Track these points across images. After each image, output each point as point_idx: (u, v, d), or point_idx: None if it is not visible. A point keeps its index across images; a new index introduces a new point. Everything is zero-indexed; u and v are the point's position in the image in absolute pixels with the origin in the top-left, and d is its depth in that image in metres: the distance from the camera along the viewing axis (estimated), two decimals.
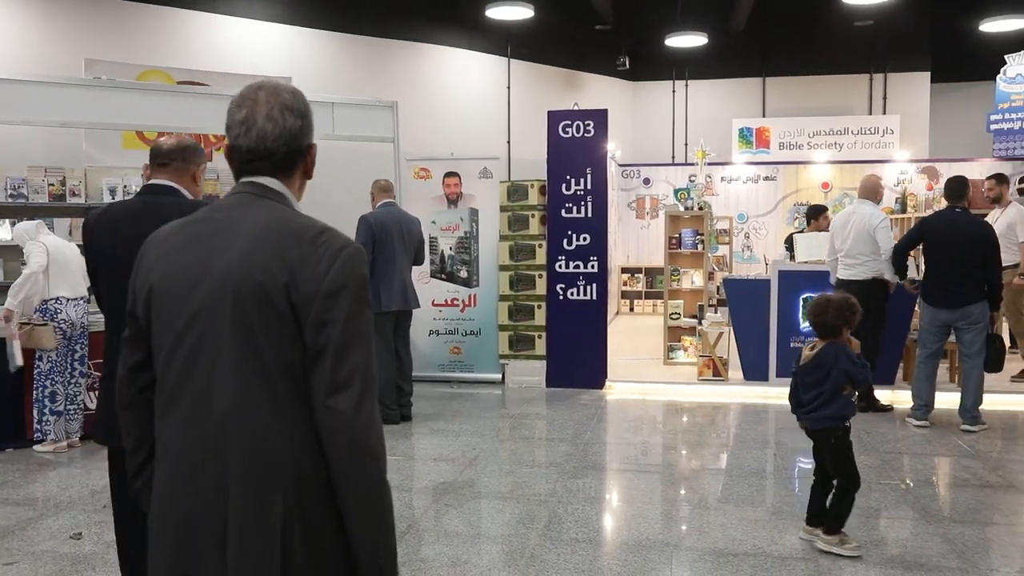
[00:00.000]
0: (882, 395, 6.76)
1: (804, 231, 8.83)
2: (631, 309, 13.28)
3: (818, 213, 8.80)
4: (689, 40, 12.58)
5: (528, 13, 10.91)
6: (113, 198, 7.31)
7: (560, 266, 7.74)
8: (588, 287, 7.70)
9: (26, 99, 6.31)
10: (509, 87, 12.97)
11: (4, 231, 6.96)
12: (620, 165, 13.24)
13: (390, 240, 6.28)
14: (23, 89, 6.33)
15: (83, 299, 5.75)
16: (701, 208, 8.73)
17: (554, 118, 7.79)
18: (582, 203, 7.68)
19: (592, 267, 7.69)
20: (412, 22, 11.61)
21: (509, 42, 12.83)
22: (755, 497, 4.77)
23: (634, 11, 13.74)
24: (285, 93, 1.67)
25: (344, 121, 7.52)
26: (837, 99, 14.11)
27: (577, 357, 7.71)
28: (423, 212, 7.62)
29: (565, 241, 7.72)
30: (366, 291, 1.58)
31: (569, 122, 7.72)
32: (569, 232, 7.71)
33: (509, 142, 12.75)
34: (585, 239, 7.69)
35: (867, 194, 6.78)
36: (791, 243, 8.53)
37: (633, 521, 4.37)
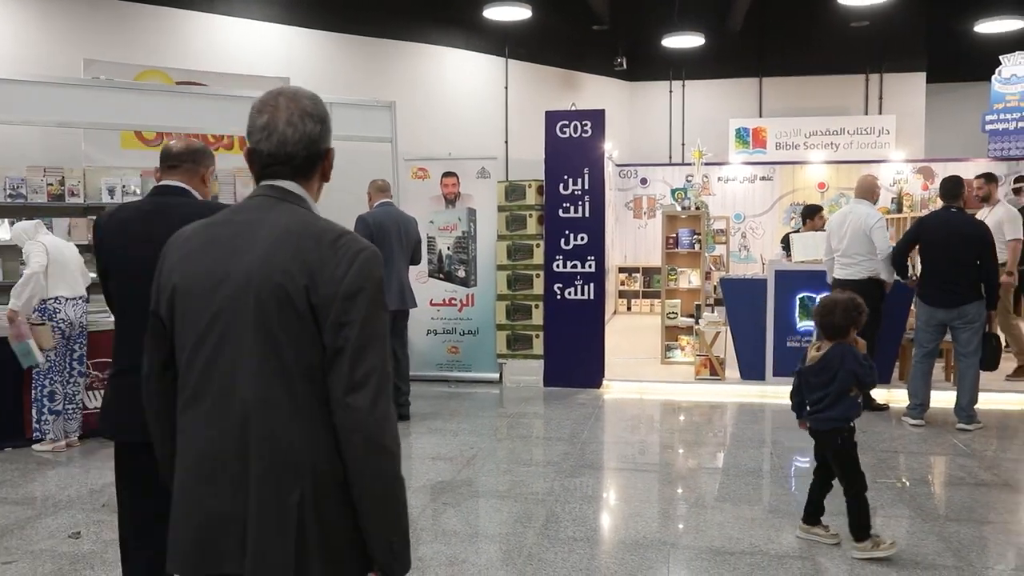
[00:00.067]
0: (878, 394, 6.77)
1: (800, 231, 8.85)
2: (628, 309, 13.30)
3: (813, 213, 8.82)
4: (686, 40, 12.61)
5: (526, 13, 10.92)
6: (112, 198, 7.31)
7: (558, 266, 7.75)
8: (586, 287, 7.72)
9: (25, 99, 6.32)
10: (507, 87, 12.99)
11: (3, 231, 6.95)
12: (617, 165, 13.26)
13: (387, 240, 6.29)
14: (22, 89, 6.34)
15: (82, 299, 5.76)
16: (698, 208, 8.75)
17: (551, 118, 7.81)
18: (579, 203, 7.70)
19: (589, 267, 7.71)
20: (410, 22, 11.63)
21: (507, 42, 12.84)
22: (752, 496, 4.79)
23: (631, 11, 13.75)
24: (305, 99, 1.71)
25: (342, 121, 7.45)
26: (833, 99, 14.14)
27: (575, 356, 7.72)
28: (421, 212, 7.63)
29: (563, 241, 7.74)
30: (382, 293, 1.62)
31: (566, 122, 7.73)
32: (567, 232, 7.73)
33: (507, 142, 12.77)
34: (582, 239, 7.71)
35: (864, 194, 6.80)
36: (788, 243, 8.55)
37: (630, 520, 4.39)
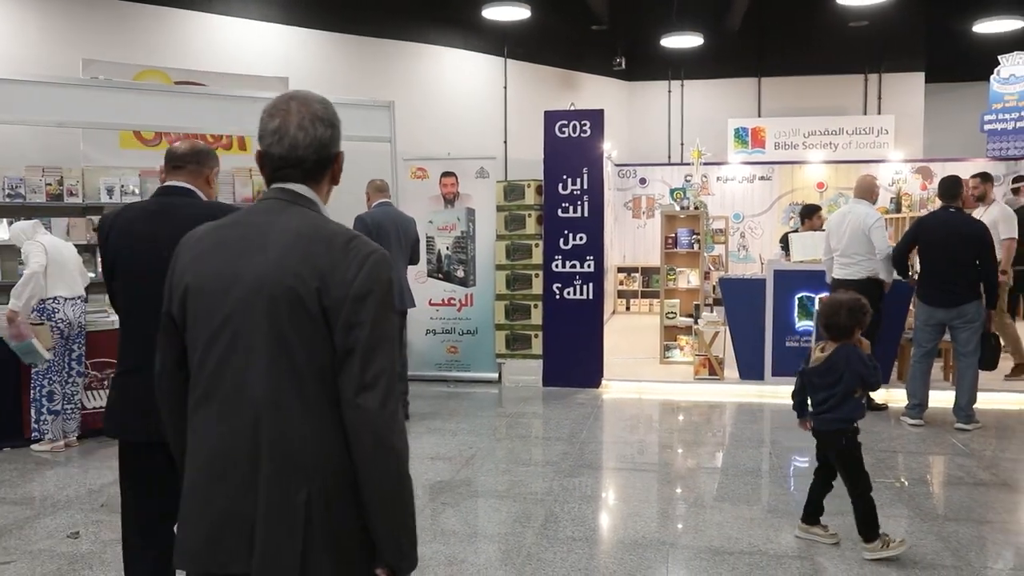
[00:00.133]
0: (877, 394, 6.75)
1: (798, 231, 8.85)
2: (627, 308, 13.31)
3: (811, 212, 8.83)
4: (685, 40, 12.61)
5: (524, 13, 10.91)
6: (110, 198, 7.31)
7: (556, 265, 7.75)
8: (584, 286, 7.72)
9: (24, 99, 6.30)
10: (506, 87, 12.99)
11: (1, 231, 6.95)
12: (616, 165, 13.25)
13: (386, 240, 6.27)
14: (21, 89, 6.33)
15: (80, 299, 5.75)
16: (697, 208, 8.75)
17: (550, 118, 7.81)
18: (578, 203, 7.70)
19: (588, 266, 7.71)
20: (409, 22, 11.63)
21: (505, 42, 12.84)
22: (751, 496, 4.79)
23: (630, 11, 13.75)
24: (316, 104, 1.74)
25: (341, 121, 7.52)
26: (832, 99, 14.15)
27: (573, 356, 7.72)
28: (420, 212, 7.63)
29: (561, 241, 7.74)
30: (391, 296, 1.64)
31: (565, 122, 7.73)
32: (565, 232, 7.73)
33: (506, 142, 12.77)
34: (581, 239, 7.71)
35: (863, 194, 6.80)
36: (786, 242, 8.55)
37: (629, 520, 4.39)
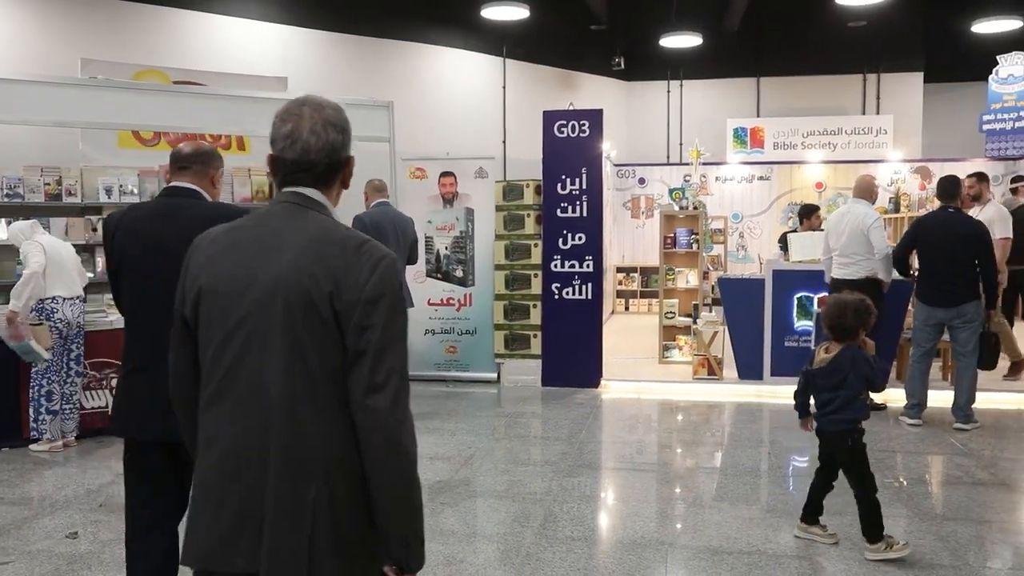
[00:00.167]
0: (875, 393, 6.78)
1: (797, 230, 8.86)
2: (626, 308, 13.31)
3: (810, 212, 8.83)
4: (684, 40, 12.61)
5: (523, 13, 10.92)
6: (109, 198, 7.31)
7: (555, 265, 7.75)
8: (583, 286, 7.72)
9: (22, 99, 6.30)
10: (505, 87, 12.99)
11: (0, 231, 6.94)
12: (615, 165, 13.27)
13: (384, 240, 6.27)
14: (19, 88, 6.32)
15: (79, 299, 5.75)
16: (696, 208, 8.75)
17: (549, 118, 7.80)
18: (577, 203, 7.70)
19: (587, 266, 7.71)
20: (408, 22, 11.62)
21: (504, 42, 12.84)
22: (750, 495, 4.80)
23: (629, 11, 13.75)
24: (328, 109, 1.76)
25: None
26: (831, 99, 14.16)
27: (572, 356, 7.72)
28: (419, 212, 7.63)
29: (560, 240, 7.74)
30: (402, 299, 1.67)
31: (564, 122, 7.73)
32: (564, 231, 7.73)
33: (505, 142, 12.77)
34: (580, 239, 7.71)
35: (862, 194, 6.80)
36: (785, 242, 8.56)
37: (628, 519, 4.39)
